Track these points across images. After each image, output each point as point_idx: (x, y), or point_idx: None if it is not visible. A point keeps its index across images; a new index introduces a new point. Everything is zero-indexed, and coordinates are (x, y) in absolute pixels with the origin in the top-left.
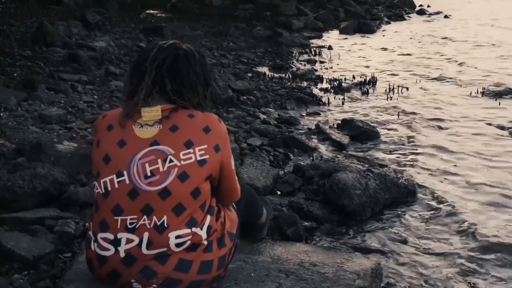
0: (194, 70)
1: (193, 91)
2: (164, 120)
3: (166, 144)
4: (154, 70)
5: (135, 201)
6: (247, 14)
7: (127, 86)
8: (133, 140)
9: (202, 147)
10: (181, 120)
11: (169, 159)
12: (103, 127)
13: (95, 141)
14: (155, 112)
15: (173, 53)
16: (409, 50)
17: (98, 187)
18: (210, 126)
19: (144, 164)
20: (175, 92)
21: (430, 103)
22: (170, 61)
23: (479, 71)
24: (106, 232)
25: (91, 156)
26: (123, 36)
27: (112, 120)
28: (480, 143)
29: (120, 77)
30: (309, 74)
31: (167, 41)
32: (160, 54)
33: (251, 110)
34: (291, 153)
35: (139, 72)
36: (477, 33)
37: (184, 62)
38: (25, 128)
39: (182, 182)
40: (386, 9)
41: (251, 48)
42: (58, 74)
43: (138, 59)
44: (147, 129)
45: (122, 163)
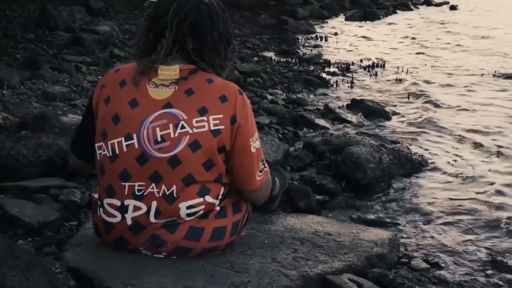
0: (217, 29)
1: (215, 52)
2: (181, 82)
3: (180, 108)
4: (176, 27)
5: (144, 167)
6: (252, 3)
7: (141, 40)
8: (146, 101)
9: (217, 116)
10: (198, 84)
11: (181, 125)
12: (116, 82)
13: (104, 96)
14: (173, 71)
15: (195, 9)
16: (416, 36)
17: (106, 149)
18: (228, 96)
19: (155, 128)
20: (196, 52)
21: (440, 84)
22: (193, 18)
23: (489, 55)
24: (112, 198)
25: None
26: (127, 22)
27: (125, 75)
28: (493, 120)
29: (124, 59)
30: (316, 58)
31: None
32: (181, 10)
33: (258, 91)
34: (300, 131)
35: (157, 27)
36: (483, 22)
37: (207, 20)
38: (29, 104)
39: (193, 152)
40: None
41: (257, 35)
42: (62, 56)
43: (155, 12)
44: (161, 89)
45: (132, 125)
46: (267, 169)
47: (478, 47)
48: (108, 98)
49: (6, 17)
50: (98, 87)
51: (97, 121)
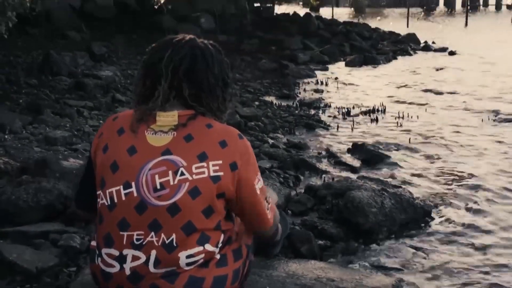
0: (213, 72)
1: (212, 95)
2: (180, 128)
3: (179, 154)
4: (171, 73)
5: (143, 216)
6: (253, 48)
7: (138, 87)
8: (144, 148)
9: (217, 162)
10: (198, 129)
11: (180, 172)
12: (113, 130)
13: (102, 144)
14: (171, 117)
15: (190, 54)
16: (415, 82)
17: (104, 198)
18: (228, 141)
19: (154, 175)
20: (193, 97)
21: (441, 128)
22: (187, 63)
23: (488, 100)
24: (111, 248)
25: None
26: (129, 67)
27: (123, 122)
28: (495, 165)
29: (126, 104)
30: (317, 102)
31: (181, 36)
32: (176, 55)
33: (260, 135)
34: (301, 175)
35: (153, 73)
36: (482, 68)
37: (201, 64)
38: (30, 149)
39: (193, 199)
40: (392, 44)
41: (258, 79)
42: (64, 100)
43: (151, 58)
44: (160, 135)
45: (130, 173)
46: (271, 204)
47: (478, 91)
48: (106, 146)
49: (9, 63)
50: (97, 136)
51: (96, 170)
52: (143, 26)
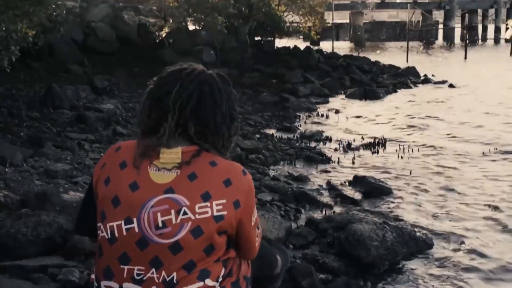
0: (220, 110)
1: (218, 133)
2: (184, 166)
3: (182, 193)
4: (178, 111)
5: (144, 252)
6: (254, 81)
7: (143, 117)
8: (147, 184)
9: (220, 202)
10: (202, 167)
11: (183, 211)
12: (116, 162)
13: (104, 176)
14: (175, 154)
15: (198, 90)
16: (416, 114)
17: (104, 231)
18: (232, 179)
19: (156, 213)
20: (198, 135)
21: (442, 161)
22: (195, 101)
23: (489, 132)
24: (110, 281)
25: (89, 189)
26: (131, 100)
27: (126, 155)
28: (497, 197)
29: (127, 137)
30: (318, 135)
31: (190, 68)
32: (184, 91)
33: (260, 168)
34: (302, 208)
35: (159, 107)
36: (482, 100)
37: (209, 102)
38: (30, 182)
39: (195, 238)
40: (392, 78)
41: (258, 112)
42: (65, 133)
43: (158, 91)
44: (163, 173)
45: (132, 209)
46: (260, 230)
47: (478, 123)
48: (108, 178)
49: (12, 96)
50: (99, 165)
51: (97, 201)
52: (144, 59)
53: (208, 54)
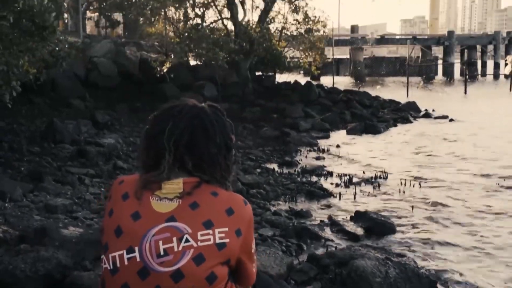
0: (214, 142)
1: (214, 165)
2: (185, 196)
3: (184, 221)
4: (173, 147)
5: (145, 281)
6: (255, 116)
7: (142, 157)
8: (148, 214)
9: (223, 230)
10: (203, 197)
11: (185, 239)
12: (119, 194)
13: (108, 209)
14: (176, 184)
15: (190, 126)
16: (417, 149)
17: (106, 262)
18: (234, 208)
19: (157, 242)
20: (196, 168)
21: (443, 196)
22: (187, 136)
23: (490, 166)
24: None
25: (101, 225)
26: (132, 134)
27: (128, 187)
28: (500, 235)
29: (128, 171)
30: (319, 170)
31: (181, 105)
32: (176, 129)
33: (261, 203)
34: (304, 243)
35: (155, 146)
36: (482, 135)
37: (202, 136)
38: (30, 217)
39: (197, 265)
40: (392, 112)
41: (259, 147)
42: (66, 168)
43: (153, 130)
44: (165, 202)
45: (134, 238)
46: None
47: (479, 158)
48: (112, 210)
49: (13, 131)
50: (107, 200)
51: (102, 234)
52: (146, 94)
53: (209, 88)
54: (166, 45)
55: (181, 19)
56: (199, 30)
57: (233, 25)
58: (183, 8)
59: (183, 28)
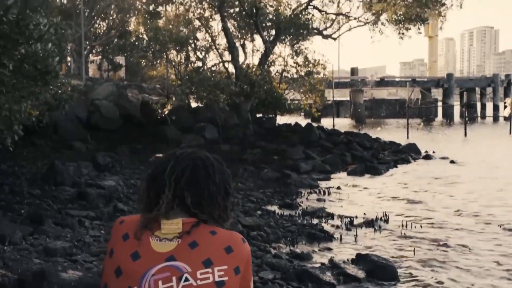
0: (214, 181)
1: (213, 204)
2: (184, 235)
3: (183, 260)
4: (173, 183)
5: None
6: (255, 158)
7: (143, 198)
8: (148, 254)
9: (222, 268)
10: (202, 236)
11: (184, 278)
12: (119, 235)
13: (109, 249)
14: (175, 225)
15: (191, 164)
16: (417, 191)
17: None
18: (233, 246)
19: (157, 281)
20: (195, 205)
21: (444, 238)
22: (189, 173)
23: (492, 208)
24: None
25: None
26: (132, 176)
27: (129, 228)
28: (502, 278)
29: (128, 213)
30: (319, 212)
31: (183, 150)
32: (178, 166)
33: (262, 245)
34: (305, 287)
35: (157, 184)
36: (483, 177)
37: (203, 174)
38: (29, 260)
39: None
40: (393, 154)
41: (260, 188)
42: (66, 210)
43: (154, 171)
44: (164, 242)
45: (133, 278)
46: None
47: (480, 200)
48: (112, 250)
49: (14, 173)
50: (109, 241)
51: (102, 274)
52: (147, 136)
53: (210, 130)
54: (168, 88)
55: (183, 62)
56: (200, 72)
57: (234, 68)
58: (185, 51)
59: (185, 71)
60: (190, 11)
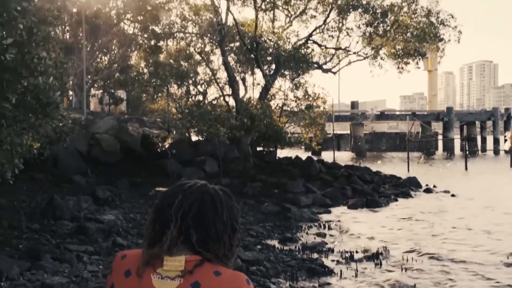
0: (221, 219)
1: (219, 242)
2: (187, 275)
3: None
4: (180, 219)
5: None
6: (256, 191)
7: (148, 232)
8: None
9: None
10: (206, 277)
11: None
12: (120, 271)
13: (109, 283)
14: (178, 262)
15: (199, 199)
16: (418, 224)
17: None
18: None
19: None
20: (200, 243)
21: (446, 272)
22: (196, 208)
23: (494, 241)
24: None
25: None
26: (132, 211)
27: (130, 264)
28: None
29: (127, 248)
30: (320, 246)
31: (192, 182)
32: (186, 201)
33: (261, 280)
34: None
35: (162, 218)
36: (484, 211)
37: (210, 210)
38: None
39: None
40: (393, 188)
41: (260, 222)
42: (65, 245)
43: (161, 204)
44: (166, 281)
45: None
46: None
47: (480, 234)
48: (113, 285)
49: (13, 208)
50: (110, 273)
51: None
52: (147, 169)
53: (211, 164)
54: (168, 121)
55: (183, 95)
56: (201, 106)
57: (235, 102)
58: (185, 85)
59: (185, 105)
60: (191, 46)
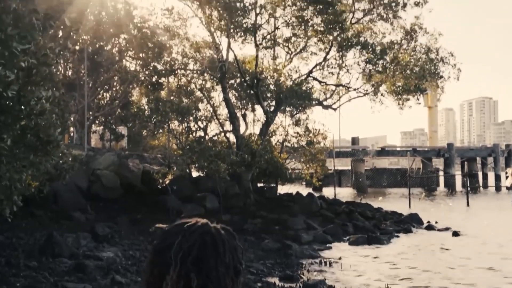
0: (223, 261)
1: (220, 286)
2: None
3: None
4: (179, 262)
5: None
6: (256, 228)
7: (147, 275)
8: None
9: None
10: None
11: None
12: None
13: None
14: None
15: (200, 241)
16: (420, 262)
17: None
18: None
19: None
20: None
21: None
22: (196, 251)
23: (495, 281)
24: None
25: None
26: (131, 247)
27: None
28: None
29: (126, 286)
30: (321, 284)
31: (193, 221)
32: (186, 243)
33: None
34: None
35: (161, 261)
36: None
37: (211, 252)
38: None
39: None
40: (395, 224)
41: (260, 260)
42: (63, 283)
43: (160, 244)
44: None
45: None
46: None
47: (483, 273)
48: None
49: (11, 245)
50: None
51: None
52: (148, 206)
53: (211, 200)
54: (169, 157)
55: (184, 131)
56: (202, 142)
57: (235, 138)
58: (186, 121)
59: (186, 141)
60: (192, 82)
